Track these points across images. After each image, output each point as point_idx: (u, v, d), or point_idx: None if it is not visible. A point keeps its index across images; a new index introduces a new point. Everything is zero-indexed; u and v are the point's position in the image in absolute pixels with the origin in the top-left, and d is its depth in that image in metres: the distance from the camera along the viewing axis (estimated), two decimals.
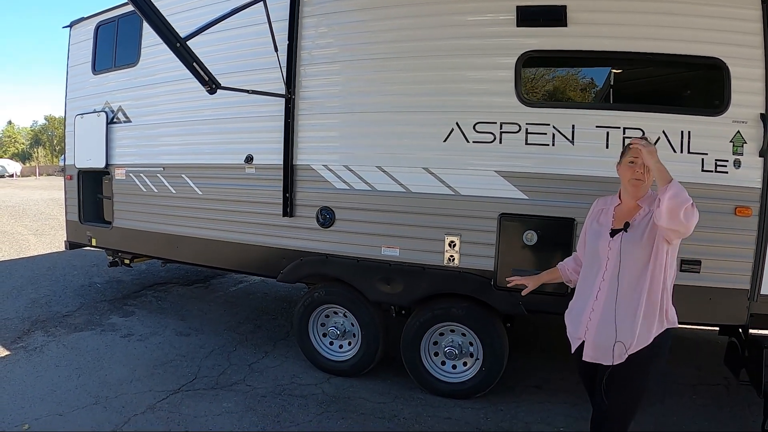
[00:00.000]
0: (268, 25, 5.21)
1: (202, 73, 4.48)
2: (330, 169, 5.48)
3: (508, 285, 4.07)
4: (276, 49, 5.32)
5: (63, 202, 8.43)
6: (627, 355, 3.16)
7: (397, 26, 5.17)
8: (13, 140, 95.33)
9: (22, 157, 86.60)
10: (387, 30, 5.23)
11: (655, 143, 4.39)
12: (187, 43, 4.51)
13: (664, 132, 4.47)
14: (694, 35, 4.40)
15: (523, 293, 3.89)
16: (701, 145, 4.44)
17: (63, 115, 8.36)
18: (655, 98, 5.00)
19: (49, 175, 55.96)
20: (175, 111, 6.56)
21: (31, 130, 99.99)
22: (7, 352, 6.20)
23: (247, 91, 5.17)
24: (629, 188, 3.33)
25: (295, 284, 6.25)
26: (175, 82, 6.34)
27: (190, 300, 8.48)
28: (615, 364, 3.21)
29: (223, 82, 4.86)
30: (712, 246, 4.46)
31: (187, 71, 4.66)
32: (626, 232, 3.24)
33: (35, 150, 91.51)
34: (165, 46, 4.51)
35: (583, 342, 3.36)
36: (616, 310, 3.20)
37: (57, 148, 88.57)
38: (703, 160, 4.44)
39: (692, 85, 5.05)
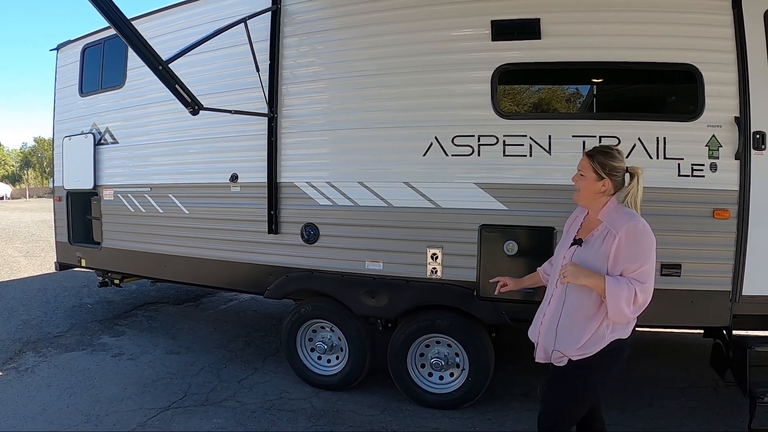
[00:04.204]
0: (249, 46, 5.27)
1: (184, 94, 4.55)
2: (313, 186, 5.55)
3: (490, 281, 4.08)
4: (258, 69, 5.38)
5: (53, 224, 8.46)
6: (567, 360, 3.17)
7: (375, 44, 5.26)
8: (2, 162, 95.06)
9: (12, 179, 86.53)
10: (365, 48, 5.30)
11: (631, 151, 4.50)
12: (171, 65, 4.58)
13: (639, 139, 4.54)
14: (666, 43, 4.50)
15: (503, 290, 3.91)
16: (677, 151, 4.51)
17: (52, 136, 8.42)
18: (630, 106, 5.12)
19: (39, 197, 55.87)
20: (161, 132, 6.64)
21: (21, 152, 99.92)
22: None
23: (230, 111, 5.25)
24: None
25: (283, 300, 6.27)
26: (161, 103, 6.40)
27: (181, 319, 8.50)
28: (555, 366, 3.27)
29: (206, 103, 4.92)
30: (691, 249, 4.53)
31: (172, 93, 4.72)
32: (580, 246, 3.24)
33: (25, 172, 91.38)
34: (148, 69, 4.58)
35: (537, 344, 3.42)
36: (559, 319, 3.24)
37: (47, 170, 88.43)
38: (679, 165, 4.51)
39: (666, 91, 5.18)
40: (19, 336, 7.56)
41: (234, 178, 5.97)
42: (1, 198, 51.52)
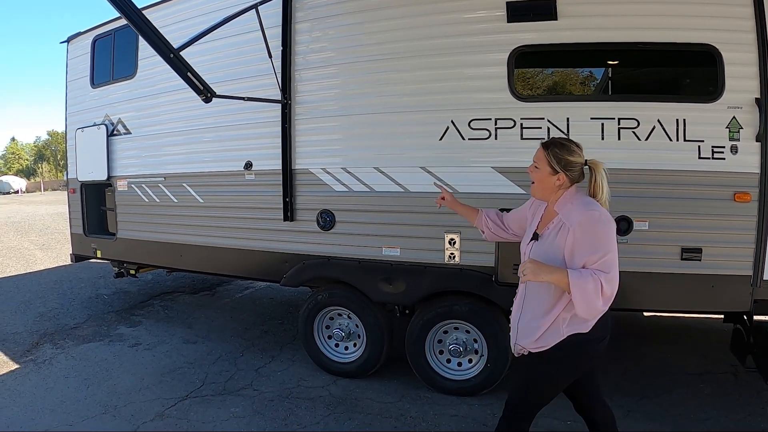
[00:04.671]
0: (261, 33, 5.22)
1: (196, 82, 4.50)
2: (328, 172, 5.51)
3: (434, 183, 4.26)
4: (270, 56, 5.33)
5: (68, 216, 8.47)
6: (527, 351, 3.16)
7: (389, 27, 5.19)
8: (17, 157, 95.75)
9: (27, 173, 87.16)
10: (379, 31, 5.24)
11: (651, 133, 4.47)
12: (183, 53, 4.53)
13: (659, 121, 4.47)
14: (684, 23, 4.40)
15: (440, 203, 3.99)
16: (697, 133, 4.43)
17: (65, 129, 8.41)
18: (649, 88, 5.01)
19: (54, 190, 56.19)
20: (174, 121, 6.61)
21: (35, 146, 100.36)
22: (16, 365, 6.25)
23: (243, 99, 5.18)
24: None
25: (299, 288, 6.25)
26: (173, 92, 6.39)
27: (197, 308, 8.51)
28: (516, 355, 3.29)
29: (219, 91, 4.88)
30: (712, 233, 4.48)
31: (183, 81, 4.67)
32: (536, 241, 3.17)
33: (39, 165, 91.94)
34: (159, 58, 4.52)
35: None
36: (521, 313, 3.23)
37: (61, 163, 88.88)
38: (699, 147, 4.43)
39: (686, 73, 5.07)
40: (36, 328, 7.60)
41: (248, 165, 5.94)
42: (16, 192, 51.84)
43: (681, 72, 5.11)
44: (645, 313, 7.21)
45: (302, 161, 5.65)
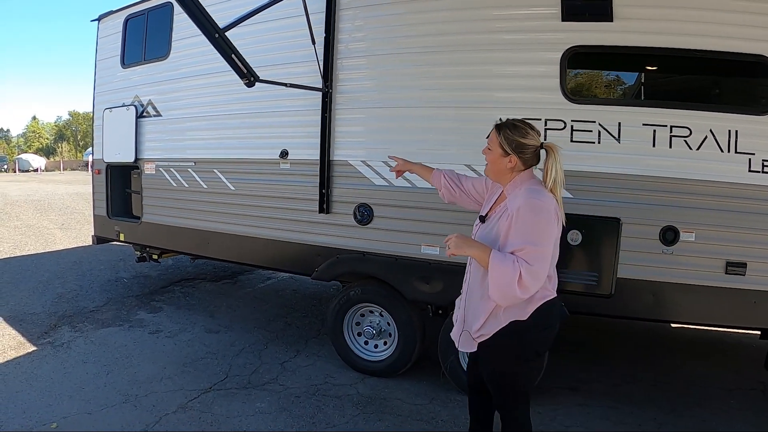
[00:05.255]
0: (305, 17, 5.06)
1: (240, 65, 4.33)
2: (368, 165, 5.35)
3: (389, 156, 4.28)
4: (313, 42, 5.18)
5: (88, 197, 8.40)
6: (476, 343, 3.13)
7: (438, 19, 5.03)
8: (37, 135, 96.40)
9: (46, 151, 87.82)
10: (426, 23, 5.08)
11: (703, 142, 4.34)
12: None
13: (711, 131, 4.33)
14: (740, 32, 4.24)
15: (396, 174, 4.07)
16: (748, 145, 4.29)
17: (87, 110, 8.35)
18: (701, 96, 4.87)
19: (73, 169, 56.46)
20: (207, 105, 6.45)
21: (56, 126, 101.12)
22: (34, 348, 6.12)
23: (285, 85, 5.02)
24: None
25: (325, 282, 6.11)
26: (207, 76, 6.26)
27: (219, 296, 8.38)
28: (459, 350, 3.31)
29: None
30: (758, 248, 4.35)
31: (220, 64, 4.56)
32: (482, 223, 3.19)
33: (59, 145, 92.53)
34: (196, 39, 4.45)
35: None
36: (467, 298, 3.22)
37: (81, 144, 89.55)
38: (750, 160, 4.30)
39: (739, 83, 4.93)
40: (54, 310, 7.48)
41: (284, 154, 5.78)
42: (36, 170, 52.13)
43: (734, 82, 4.97)
44: (673, 325, 7.05)
45: (341, 152, 5.49)
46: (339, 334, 5.68)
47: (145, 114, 7.21)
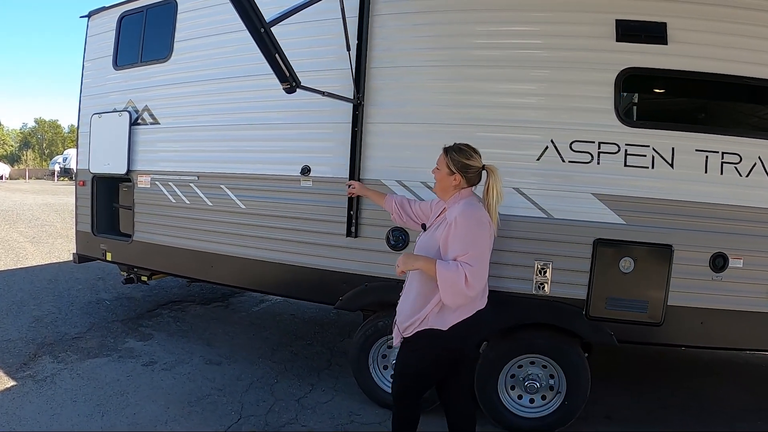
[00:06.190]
0: (342, 21, 4.57)
1: (284, 67, 3.73)
2: (405, 186, 4.88)
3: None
4: (348, 48, 4.68)
5: (58, 208, 7.74)
6: (402, 338, 3.54)
7: (486, 32, 4.73)
8: (2, 142, 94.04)
9: (11, 159, 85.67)
10: (473, 35, 4.75)
11: (752, 169, 4.36)
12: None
13: (759, 158, 4.34)
14: None
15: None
16: None
17: (54, 118, 7.67)
18: (751, 123, 4.83)
19: (38, 178, 55.00)
20: (214, 113, 5.86)
21: (21, 132, 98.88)
22: (13, 382, 5.41)
23: (322, 93, 4.47)
24: None
25: (321, 306, 5.89)
26: (215, 81, 5.72)
27: (212, 321, 7.72)
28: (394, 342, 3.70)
29: (273, 83, 4.21)
30: None
31: (230, 69, 4.59)
32: (424, 231, 3.63)
33: (24, 153, 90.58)
34: (202, 41, 4.40)
35: None
36: (402, 295, 3.64)
37: (46, 152, 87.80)
38: None
39: None
40: (32, 336, 6.74)
41: (305, 171, 5.23)
42: (1, 177, 50.51)
43: None
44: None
45: (373, 171, 5.01)
46: (364, 367, 5.17)
47: (140, 121, 6.58)
